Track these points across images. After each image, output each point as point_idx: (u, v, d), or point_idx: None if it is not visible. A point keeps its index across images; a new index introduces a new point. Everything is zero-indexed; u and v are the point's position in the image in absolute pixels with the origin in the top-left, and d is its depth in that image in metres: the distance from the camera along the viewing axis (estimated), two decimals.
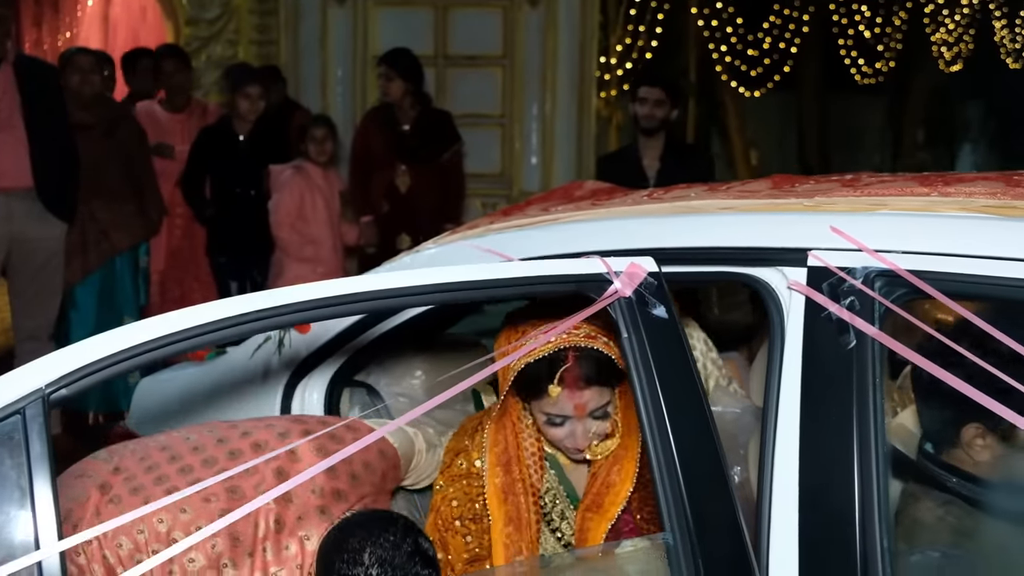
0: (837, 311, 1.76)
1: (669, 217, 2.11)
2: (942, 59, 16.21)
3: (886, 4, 15.14)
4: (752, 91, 13.91)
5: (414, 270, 1.66)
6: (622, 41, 12.07)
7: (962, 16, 15.94)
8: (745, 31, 13.52)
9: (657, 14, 12.32)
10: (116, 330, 1.43)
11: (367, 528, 1.85)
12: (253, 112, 5.93)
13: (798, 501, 1.73)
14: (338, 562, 1.81)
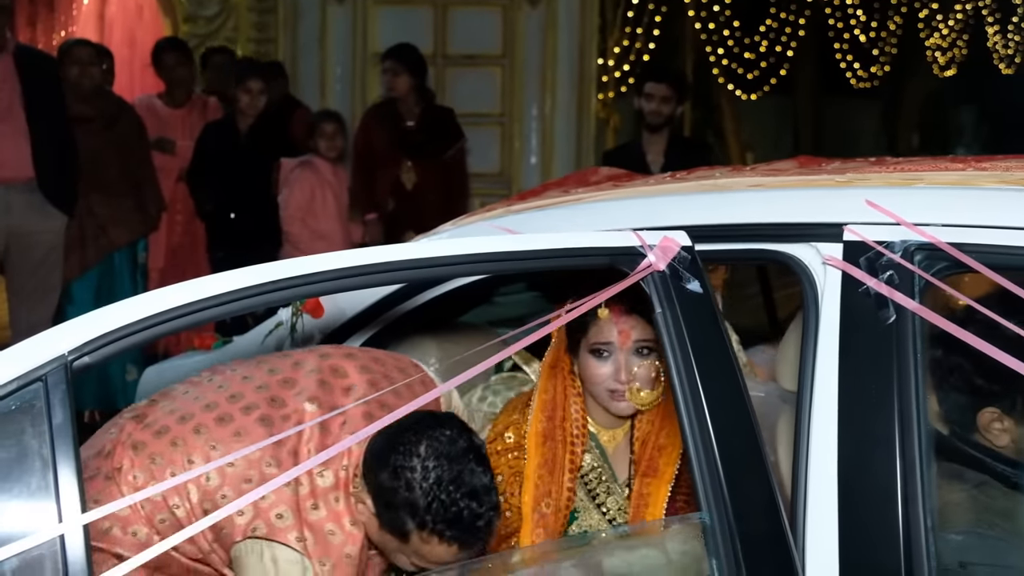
0: (875, 285, 1.72)
1: (698, 194, 2.07)
2: (936, 64, 16.24)
3: (881, 8, 15.15)
4: (748, 94, 13.89)
5: (447, 240, 1.62)
6: (620, 43, 12.03)
7: (956, 21, 15.98)
8: (742, 34, 13.49)
9: (655, 17, 12.28)
10: (141, 296, 1.38)
11: (423, 424, 1.84)
12: (253, 107, 5.87)
13: (837, 482, 1.69)
14: (393, 455, 1.81)
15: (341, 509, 1.89)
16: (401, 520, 1.82)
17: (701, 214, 1.98)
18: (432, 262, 1.59)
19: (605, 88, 11.76)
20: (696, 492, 1.66)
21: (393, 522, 1.84)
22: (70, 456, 1.29)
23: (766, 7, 13.81)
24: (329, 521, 1.88)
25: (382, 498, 1.84)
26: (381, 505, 1.85)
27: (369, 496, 1.87)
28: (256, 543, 1.88)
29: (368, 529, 1.91)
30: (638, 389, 2.12)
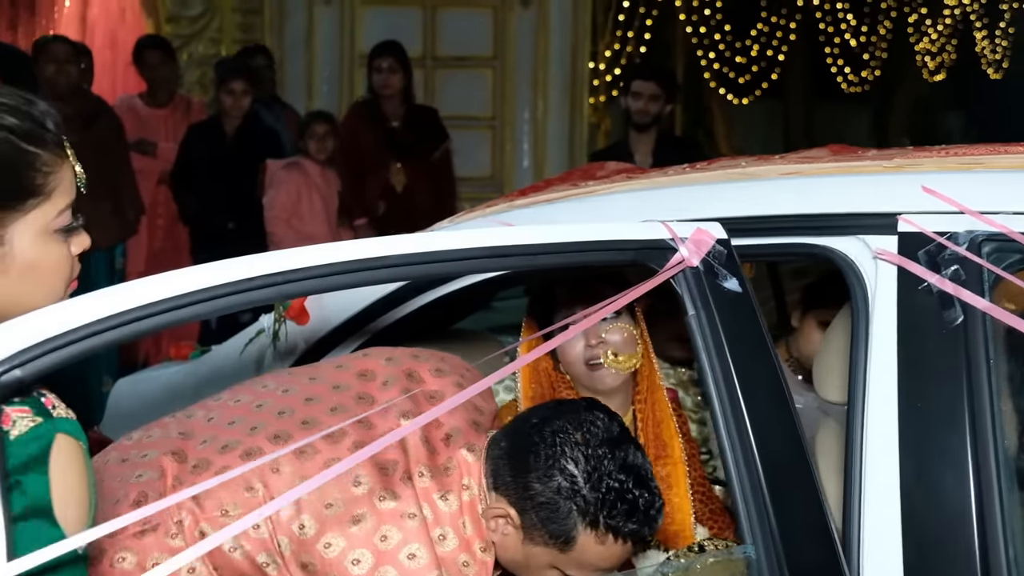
0: (939, 283, 1.51)
1: (724, 183, 1.86)
2: (926, 69, 16.13)
3: (871, 13, 15.06)
4: (740, 98, 13.76)
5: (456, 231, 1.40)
6: (610, 47, 11.87)
7: (944, 27, 15.88)
8: (733, 38, 13.36)
9: (646, 20, 12.14)
10: (90, 295, 1.16)
11: (567, 412, 1.62)
12: (237, 108, 5.63)
13: (900, 507, 1.47)
14: (543, 453, 1.58)
15: (471, 535, 1.62)
16: (567, 524, 1.57)
17: (729, 205, 1.77)
18: (438, 256, 1.37)
19: (596, 92, 11.58)
20: (739, 521, 1.45)
21: (556, 529, 1.58)
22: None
23: (757, 11, 13.69)
24: (461, 551, 1.60)
25: (537, 504, 1.58)
26: (536, 513, 1.59)
27: (512, 507, 1.61)
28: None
29: (504, 550, 1.64)
30: (614, 353, 2.04)
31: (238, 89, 5.62)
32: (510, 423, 1.68)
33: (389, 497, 1.58)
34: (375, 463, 1.61)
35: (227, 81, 5.68)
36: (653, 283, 1.47)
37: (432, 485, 1.62)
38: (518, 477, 1.59)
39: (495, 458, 1.63)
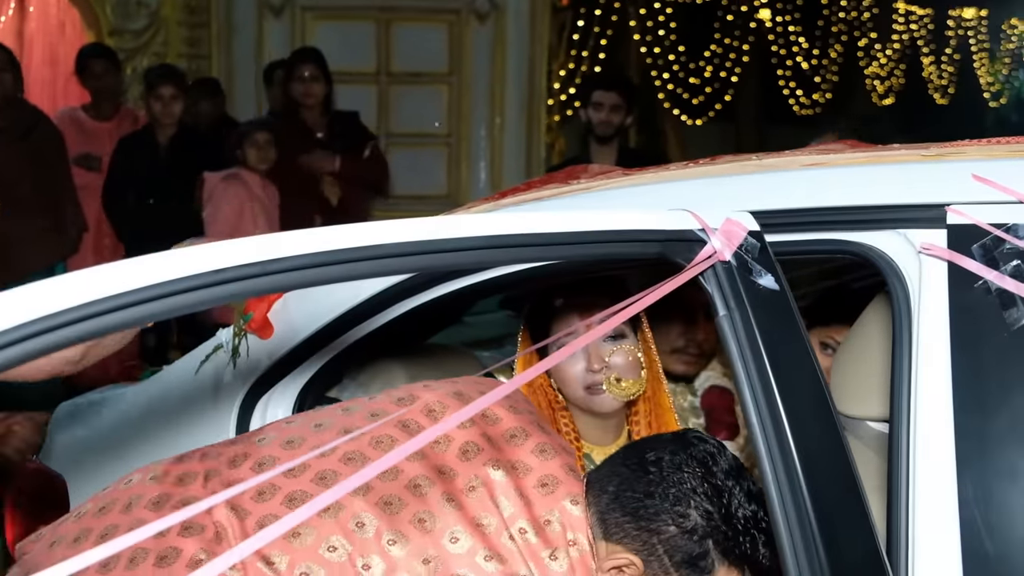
0: (998, 279, 1.34)
1: (740, 176, 1.68)
2: (875, 92, 16.28)
3: (823, 36, 15.20)
4: (694, 119, 13.76)
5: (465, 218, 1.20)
6: (565, 67, 11.79)
7: (893, 51, 16.06)
8: (687, 59, 13.38)
9: (600, 40, 12.09)
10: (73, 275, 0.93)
11: (680, 445, 1.51)
12: (168, 115, 5.37)
13: (960, 533, 1.29)
14: (671, 492, 1.46)
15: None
16: (704, 562, 1.45)
17: (747, 199, 1.58)
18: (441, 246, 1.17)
19: (551, 112, 11.48)
20: (781, 552, 1.26)
21: (690, 569, 1.46)
22: None
23: (711, 32, 13.73)
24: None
25: (670, 547, 1.45)
26: (668, 557, 1.46)
27: (636, 555, 1.46)
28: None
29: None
30: (617, 379, 1.92)
31: (167, 94, 5.38)
32: (608, 464, 1.52)
33: (495, 558, 1.40)
34: (469, 519, 1.42)
35: (156, 87, 5.43)
36: (681, 279, 1.28)
37: (538, 543, 1.42)
38: (641, 521, 1.46)
39: (605, 504, 1.47)
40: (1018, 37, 16.76)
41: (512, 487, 1.44)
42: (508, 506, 1.43)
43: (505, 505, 1.43)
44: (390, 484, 1.43)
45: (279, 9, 7.87)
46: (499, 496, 1.44)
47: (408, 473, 1.44)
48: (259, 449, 1.51)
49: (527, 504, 1.44)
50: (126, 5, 7.90)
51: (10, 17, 9.47)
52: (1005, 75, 16.63)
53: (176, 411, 2.21)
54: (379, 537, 1.38)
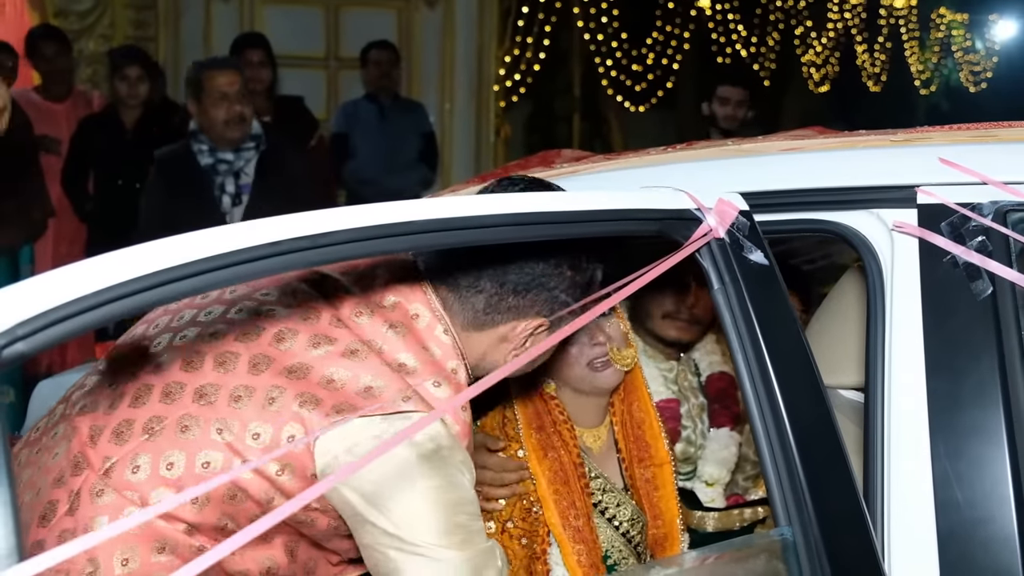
0: (964, 254, 1.47)
1: (721, 159, 1.79)
2: (811, 80, 16.54)
3: (761, 24, 15.39)
4: (636, 106, 13.89)
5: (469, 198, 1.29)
6: (510, 53, 11.84)
7: (828, 39, 16.32)
8: (629, 46, 13.49)
9: (544, 27, 12.15)
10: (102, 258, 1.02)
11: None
12: (134, 96, 5.35)
13: (933, 492, 1.42)
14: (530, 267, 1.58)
15: (440, 357, 1.58)
16: (597, 273, 1.63)
17: (730, 181, 1.69)
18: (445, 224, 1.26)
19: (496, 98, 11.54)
20: (773, 503, 1.37)
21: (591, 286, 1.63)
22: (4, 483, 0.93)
23: (653, 20, 13.85)
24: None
25: (571, 284, 1.61)
26: (572, 294, 1.60)
27: (537, 316, 1.61)
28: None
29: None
30: (618, 348, 1.96)
31: (133, 75, 5.35)
32: (443, 279, 1.63)
33: (324, 342, 1.48)
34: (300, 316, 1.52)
35: (121, 68, 5.40)
36: (680, 255, 1.38)
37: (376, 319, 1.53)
38: (532, 291, 1.58)
39: (488, 300, 1.58)
40: (946, 26, 17.12)
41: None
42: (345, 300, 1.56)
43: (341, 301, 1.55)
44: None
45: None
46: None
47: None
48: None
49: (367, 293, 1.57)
50: None
51: None
52: (935, 63, 16.96)
53: None
54: (224, 400, 1.46)
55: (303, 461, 1.42)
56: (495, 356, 1.62)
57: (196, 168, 3.94)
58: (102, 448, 1.46)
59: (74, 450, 1.48)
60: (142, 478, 1.43)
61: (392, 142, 6.12)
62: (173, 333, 1.57)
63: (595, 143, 14.02)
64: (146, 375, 1.51)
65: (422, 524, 1.41)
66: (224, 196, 3.98)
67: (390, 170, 6.06)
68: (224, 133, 3.93)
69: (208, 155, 3.95)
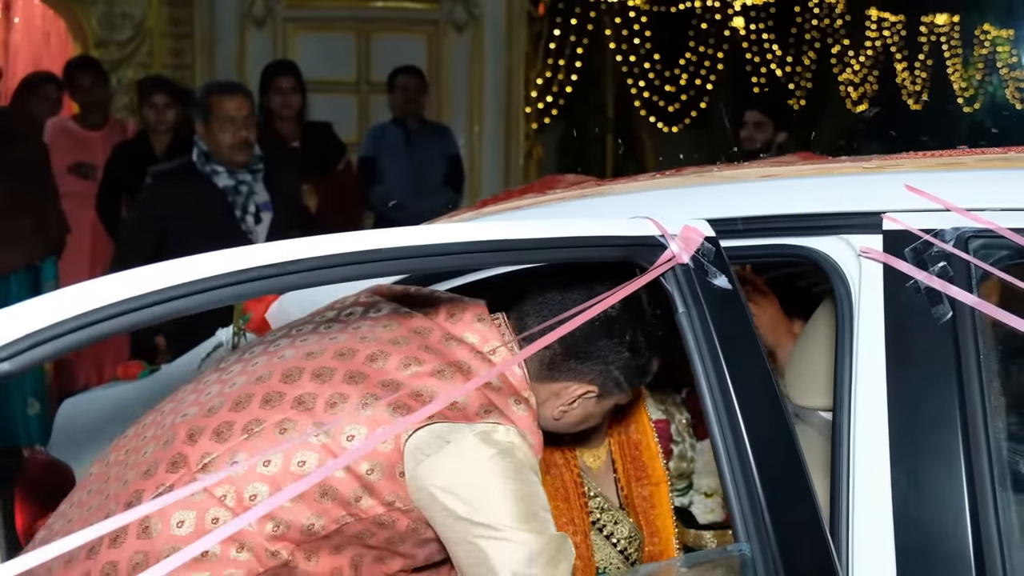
0: (926, 279, 1.51)
1: (700, 186, 1.85)
2: (849, 99, 16.48)
3: (796, 43, 15.35)
4: (670, 126, 13.91)
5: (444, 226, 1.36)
6: (542, 75, 11.94)
7: (866, 58, 16.26)
8: (662, 67, 13.52)
9: (576, 49, 12.24)
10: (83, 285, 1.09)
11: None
12: (163, 122, 5.51)
13: (892, 509, 1.46)
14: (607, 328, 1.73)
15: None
16: (651, 364, 1.78)
17: (707, 207, 1.74)
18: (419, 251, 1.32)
19: (528, 120, 11.64)
20: (733, 519, 1.42)
21: (643, 374, 1.79)
22: None
23: (686, 41, 13.88)
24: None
25: (627, 367, 1.76)
26: (626, 375, 1.76)
27: (590, 384, 1.75)
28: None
29: (571, 417, 1.79)
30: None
31: (160, 102, 5.50)
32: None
33: (413, 363, 1.62)
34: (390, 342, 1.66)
35: (149, 95, 5.56)
36: (644, 280, 1.44)
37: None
38: (591, 360, 1.72)
39: (550, 357, 1.71)
40: (990, 42, 16.96)
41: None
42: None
43: None
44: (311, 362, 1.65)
45: (261, 20, 8.00)
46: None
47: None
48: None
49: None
50: (111, 16, 8.01)
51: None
52: (979, 80, 16.79)
53: None
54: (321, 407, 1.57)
55: (392, 461, 1.54)
56: (544, 409, 1.75)
57: (212, 189, 4.04)
58: (201, 446, 1.58)
59: (172, 450, 1.59)
60: (239, 472, 1.54)
61: (418, 166, 6.23)
62: (270, 356, 1.70)
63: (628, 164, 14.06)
64: (247, 386, 1.64)
65: (503, 511, 1.53)
66: (248, 216, 4.09)
67: (417, 193, 6.16)
68: (231, 156, 4.03)
69: (227, 176, 4.06)
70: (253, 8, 7.95)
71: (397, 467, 1.55)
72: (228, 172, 4.05)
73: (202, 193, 4.02)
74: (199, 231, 3.73)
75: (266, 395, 1.60)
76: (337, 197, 5.64)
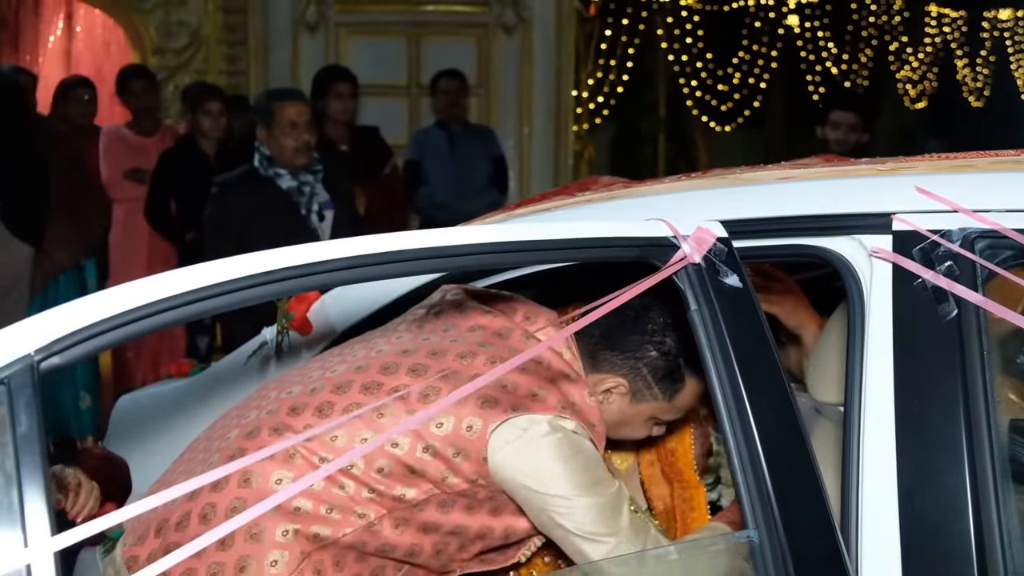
0: (933, 278, 1.56)
1: (720, 188, 1.91)
2: (907, 97, 16.29)
3: (852, 41, 15.20)
4: (722, 126, 13.86)
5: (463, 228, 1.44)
6: (593, 75, 11.99)
7: (926, 55, 16.06)
8: (715, 66, 13.48)
9: (628, 49, 12.26)
10: (117, 288, 1.19)
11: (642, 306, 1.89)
12: (216, 129, 5.67)
13: (898, 498, 1.51)
14: (644, 324, 1.89)
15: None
16: (676, 376, 1.90)
17: (725, 209, 1.80)
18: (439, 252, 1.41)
19: (579, 120, 11.69)
20: (742, 508, 1.49)
21: (667, 382, 1.90)
22: (37, 470, 1.10)
23: (739, 39, 13.82)
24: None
25: (652, 367, 1.89)
26: (651, 375, 1.89)
27: (623, 378, 1.89)
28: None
29: (608, 415, 1.91)
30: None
31: (215, 109, 5.68)
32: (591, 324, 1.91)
33: (499, 361, 1.79)
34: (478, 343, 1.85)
35: (203, 102, 5.72)
36: (656, 279, 1.51)
37: None
38: (626, 352, 1.88)
39: (592, 346, 1.89)
40: None
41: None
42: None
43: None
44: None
45: (314, 26, 8.16)
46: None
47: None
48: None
49: None
50: (168, 24, 8.22)
51: (58, 37, 9.84)
52: None
53: (226, 399, 2.46)
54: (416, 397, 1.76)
55: (478, 447, 1.75)
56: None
57: (277, 191, 4.22)
58: (304, 419, 1.78)
59: (276, 419, 1.80)
60: (339, 445, 1.73)
61: (462, 168, 6.33)
62: (368, 349, 1.90)
63: (680, 164, 14.06)
64: (347, 374, 1.84)
65: (570, 483, 1.76)
66: (312, 215, 4.27)
67: (461, 195, 6.25)
68: (293, 159, 4.21)
69: (290, 178, 4.23)
70: (306, 14, 8.11)
71: (481, 453, 1.75)
72: (291, 174, 4.22)
73: (269, 196, 4.20)
74: (272, 232, 3.90)
75: (365, 383, 1.80)
76: (384, 200, 5.75)
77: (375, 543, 1.76)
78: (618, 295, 1.44)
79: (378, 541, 1.76)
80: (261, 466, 1.73)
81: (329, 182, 4.37)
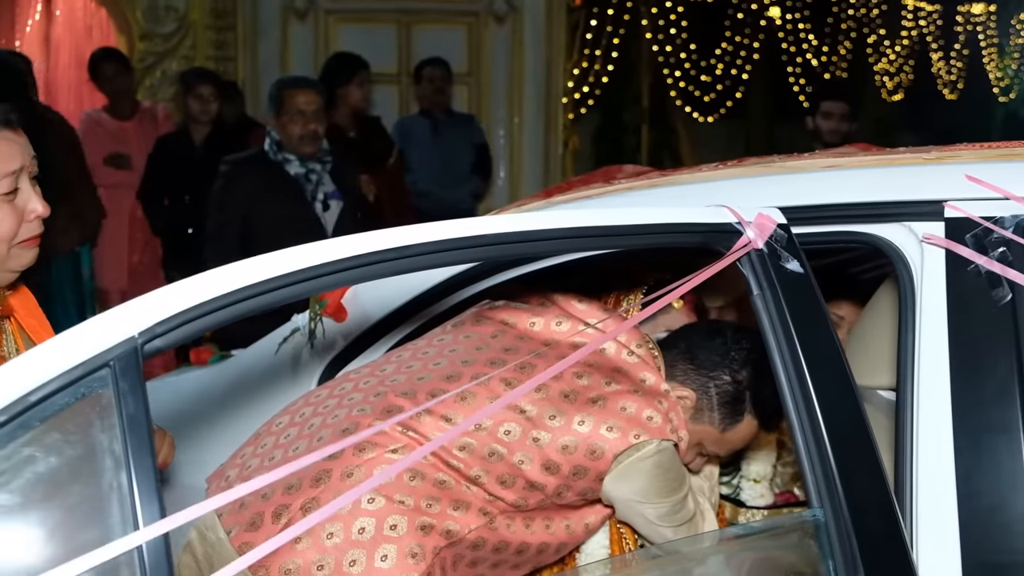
0: (986, 263, 1.60)
1: (766, 176, 1.93)
2: (884, 89, 16.42)
3: (832, 33, 15.30)
4: (705, 117, 13.91)
5: (524, 214, 1.46)
6: (578, 65, 11.99)
7: (902, 47, 16.18)
8: (698, 57, 13.53)
9: (612, 39, 12.27)
10: (219, 270, 1.21)
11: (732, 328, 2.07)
12: (206, 113, 5.63)
13: (955, 480, 1.55)
14: (729, 350, 2.00)
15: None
16: (739, 407, 2.00)
17: (775, 196, 1.83)
18: (504, 238, 1.43)
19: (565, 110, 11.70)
20: (807, 488, 1.52)
21: (728, 411, 2.00)
22: (146, 452, 1.12)
23: (721, 31, 13.87)
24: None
25: (721, 391, 1.99)
26: (718, 397, 1.99)
27: (694, 392, 2.00)
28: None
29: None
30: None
31: (206, 93, 5.64)
32: (679, 331, 2.10)
33: (614, 381, 1.92)
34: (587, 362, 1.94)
35: (195, 86, 5.68)
36: (722, 264, 1.54)
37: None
38: (703, 370, 1.99)
39: (674, 355, 2.00)
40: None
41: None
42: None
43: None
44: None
45: (303, 12, 8.12)
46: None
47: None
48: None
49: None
50: (156, 10, 8.14)
51: (37, 22, 9.71)
52: (1014, 70, 16.63)
53: (258, 386, 2.48)
54: (540, 417, 1.86)
55: (600, 469, 1.88)
56: None
57: (285, 175, 4.25)
58: (416, 402, 1.84)
59: (385, 401, 1.86)
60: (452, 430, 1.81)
61: (445, 155, 6.37)
62: (467, 344, 2.00)
63: (663, 154, 14.09)
64: (452, 366, 1.93)
65: (663, 490, 1.92)
66: (316, 203, 4.29)
67: (443, 183, 6.29)
68: (300, 147, 4.24)
69: (298, 164, 4.26)
70: (295, 1, 8.08)
71: (602, 473, 1.89)
72: (299, 161, 4.25)
73: (276, 178, 4.24)
74: (276, 215, 3.95)
75: (474, 374, 1.89)
76: (390, 189, 5.76)
77: (493, 540, 1.85)
78: (689, 280, 1.47)
79: (496, 538, 1.85)
80: (360, 459, 1.79)
81: (337, 173, 4.39)
